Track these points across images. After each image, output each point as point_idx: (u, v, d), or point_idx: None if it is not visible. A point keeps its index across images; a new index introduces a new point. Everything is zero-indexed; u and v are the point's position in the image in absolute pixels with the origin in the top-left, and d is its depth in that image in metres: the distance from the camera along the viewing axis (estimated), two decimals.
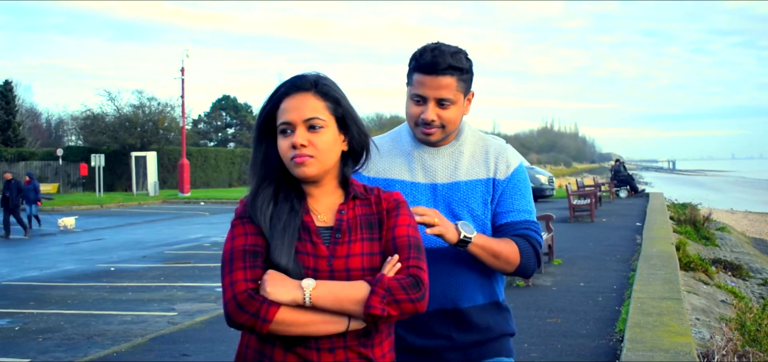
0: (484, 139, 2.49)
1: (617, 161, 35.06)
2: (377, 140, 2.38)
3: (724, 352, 5.78)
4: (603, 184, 31.21)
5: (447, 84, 2.30)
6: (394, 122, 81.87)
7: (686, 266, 11.22)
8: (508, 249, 2.33)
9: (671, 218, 20.42)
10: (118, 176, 40.74)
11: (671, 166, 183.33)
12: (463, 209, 2.36)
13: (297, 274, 1.82)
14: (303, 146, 1.88)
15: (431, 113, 2.31)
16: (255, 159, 1.97)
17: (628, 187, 31.16)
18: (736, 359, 5.82)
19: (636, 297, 7.38)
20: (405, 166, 2.41)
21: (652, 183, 50.80)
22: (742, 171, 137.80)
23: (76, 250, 15.45)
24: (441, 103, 2.32)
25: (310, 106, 1.90)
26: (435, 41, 2.37)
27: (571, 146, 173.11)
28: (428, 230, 2.20)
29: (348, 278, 1.86)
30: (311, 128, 1.89)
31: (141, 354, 6.66)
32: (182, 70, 37.65)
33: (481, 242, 2.29)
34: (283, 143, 1.91)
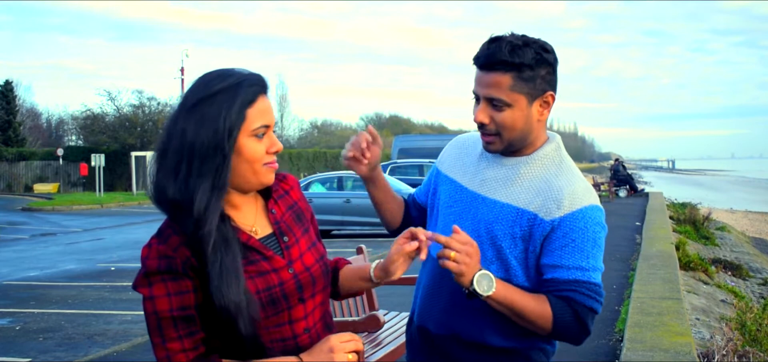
0: (560, 166, 2.06)
1: (616, 160, 35.09)
2: (465, 135, 2.26)
3: (724, 352, 5.78)
4: (602, 183, 31.26)
5: (497, 82, 1.97)
6: (393, 121, 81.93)
7: (686, 265, 11.23)
8: (536, 310, 1.96)
9: (671, 217, 20.45)
10: (118, 175, 40.74)
11: (671, 165, 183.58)
12: (487, 235, 2.02)
13: (253, 310, 1.69)
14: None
15: (481, 113, 2.00)
16: (216, 172, 1.68)
17: (627, 186, 31.19)
18: (736, 359, 5.82)
19: (636, 297, 7.38)
20: (464, 167, 2.15)
21: (651, 183, 50.85)
22: (742, 171, 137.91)
23: (77, 250, 15.45)
24: (492, 103, 1.99)
25: (272, 108, 1.79)
26: (510, 32, 2.03)
27: (571, 145, 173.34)
28: (444, 263, 1.90)
29: (311, 276, 1.83)
30: (273, 131, 1.79)
31: (141, 353, 6.67)
32: (182, 70, 37.67)
33: (501, 296, 1.93)
34: (258, 148, 1.73)
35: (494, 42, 1.98)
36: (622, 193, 30.59)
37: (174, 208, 1.70)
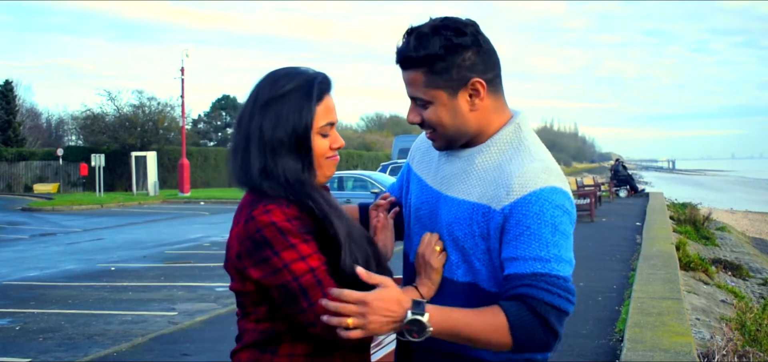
0: (517, 149, 1.84)
1: (617, 160, 35.09)
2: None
3: (724, 352, 5.78)
4: (603, 184, 31.25)
5: (412, 80, 1.82)
6: (393, 122, 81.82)
7: (686, 266, 11.23)
8: (487, 326, 1.69)
9: (671, 217, 20.44)
10: (118, 175, 40.73)
11: (671, 166, 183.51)
12: (449, 237, 1.85)
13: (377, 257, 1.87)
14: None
15: (411, 113, 1.88)
16: (304, 160, 1.80)
17: (627, 187, 31.20)
18: (736, 359, 5.82)
19: (636, 297, 7.38)
20: (430, 163, 2.00)
21: (651, 183, 50.81)
22: (742, 171, 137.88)
23: (77, 250, 15.45)
24: (416, 101, 1.86)
25: (335, 106, 1.88)
26: (429, 18, 1.84)
27: (571, 145, 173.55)
28: (340, 334, 1.68)
29: None
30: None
31: (141, 353, 6.67)
32: (182, 70, 37.66)
33: (440, 323, 1.68)
34: (323, 143, 1.84)
35: (406, 35, 1.82)
36: (623, 193, 30.60)
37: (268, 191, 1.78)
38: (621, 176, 31.76)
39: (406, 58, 1.81)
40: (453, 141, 1.87)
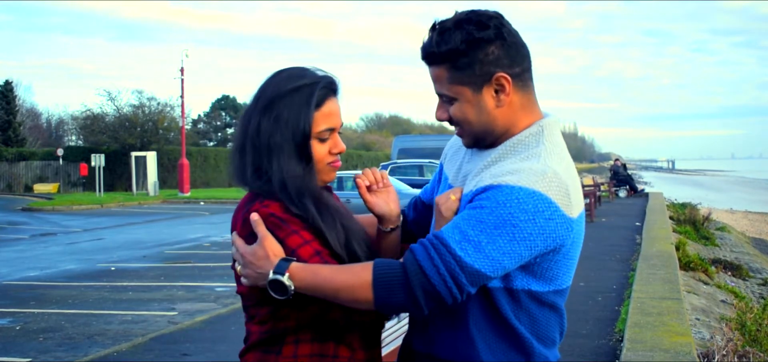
0: (530, 150, 1.75)
1: (616, 160, 35.10)
2: None
3: (724, 352, 5.78)
4: (602, 184, 31.23)
5: (437, 76, 1.78)
6: (393, 121, 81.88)
7: (686, 266, 11.23)
8: (346, 283, 1.66)
9: (671, 218, 20.44)
10: (118, 176, 40.73)
11: (671, 166, 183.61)
12: None
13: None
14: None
15: (438, 110, 1.82)
16: (306, 165, 1.80)
17: (627, 187, 31.20)
18: (736, 359, 5.82)
19: (636, 297, 7.38)
20: (454, 162, 1.95)
21: (651, 183, 50.86)
22: (742, 171, 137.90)
23: (77, 250, 15.45)
24: (442, 98, 1.81)
25: (339, 109, 1.88)
26: (455, 11, 1.78)
27: (570, 145, 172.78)
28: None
29: None
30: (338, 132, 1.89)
31: (141, 353, 6.67)
32: (182, 70, 37.66)
33: (304, 280, 1.67)
34: (321, 149, 1.83)
35: (430, 31, 1.77)
36: (622, 193, 30.60)
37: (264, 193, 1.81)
38: (620, 176, 31.76)
39: (429, 54, 1.77)
40: (480, 138, 1.80)
